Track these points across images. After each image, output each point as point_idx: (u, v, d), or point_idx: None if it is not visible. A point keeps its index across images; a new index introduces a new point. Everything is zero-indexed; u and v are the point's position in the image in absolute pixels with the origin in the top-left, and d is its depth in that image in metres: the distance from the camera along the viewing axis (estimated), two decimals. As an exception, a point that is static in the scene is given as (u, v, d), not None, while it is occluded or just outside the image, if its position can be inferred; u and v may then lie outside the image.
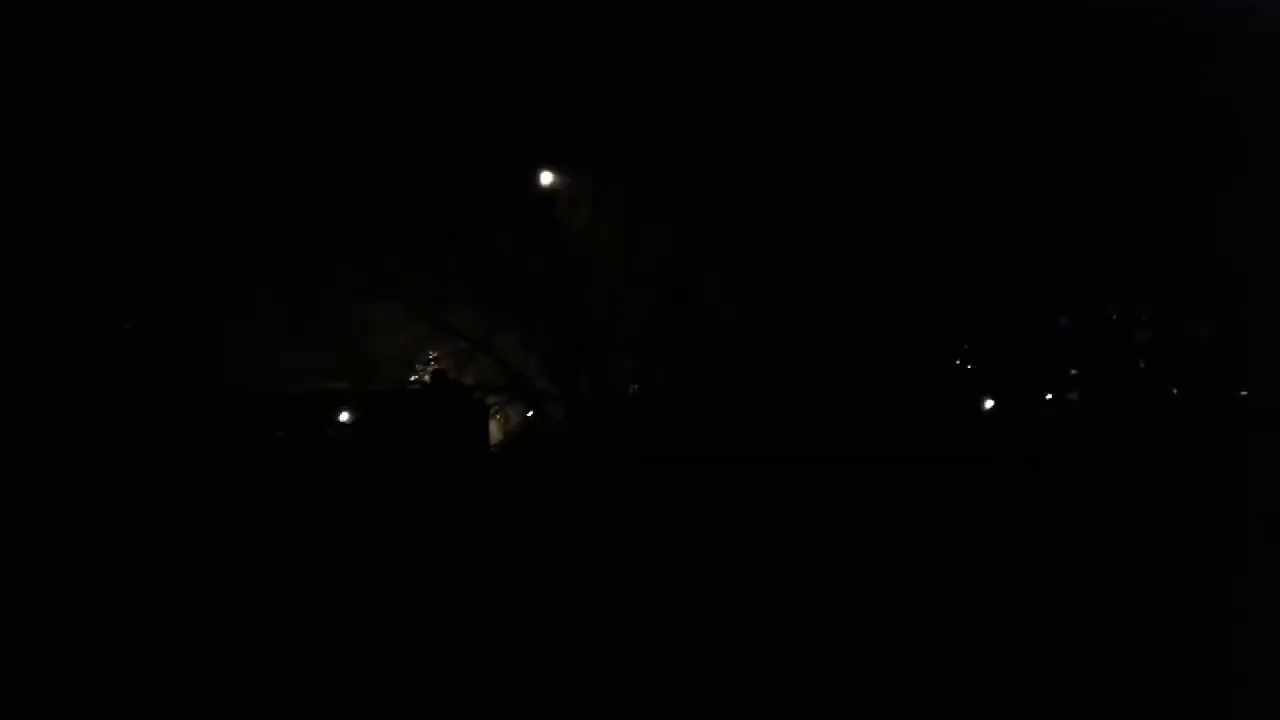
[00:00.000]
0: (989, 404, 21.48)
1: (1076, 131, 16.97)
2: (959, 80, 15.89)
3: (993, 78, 16.19)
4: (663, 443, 15.02)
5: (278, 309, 14.40)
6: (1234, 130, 15.94)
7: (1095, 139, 17.10)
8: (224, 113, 13.17)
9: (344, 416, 22.54)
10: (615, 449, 14.73)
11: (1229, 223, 17.00)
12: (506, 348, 14.96)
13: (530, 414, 16.86)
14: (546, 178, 14.84)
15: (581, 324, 14.49)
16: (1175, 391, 18.43)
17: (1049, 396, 20.69)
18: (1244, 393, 17.80)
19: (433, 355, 16.38)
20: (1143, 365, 18.96)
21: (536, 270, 14.53)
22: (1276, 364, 17.03)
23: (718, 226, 14.92)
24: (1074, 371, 19.78)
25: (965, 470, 17.44)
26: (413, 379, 17.71)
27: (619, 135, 14.03)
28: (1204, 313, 18.08)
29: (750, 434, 15.41)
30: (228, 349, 14.94)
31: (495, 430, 21.28)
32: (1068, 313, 19.74)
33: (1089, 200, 17.78)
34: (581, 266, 14.51)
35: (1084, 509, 15.57)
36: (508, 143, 14.14)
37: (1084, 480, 16.59)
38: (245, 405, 19.07)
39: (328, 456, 20.98)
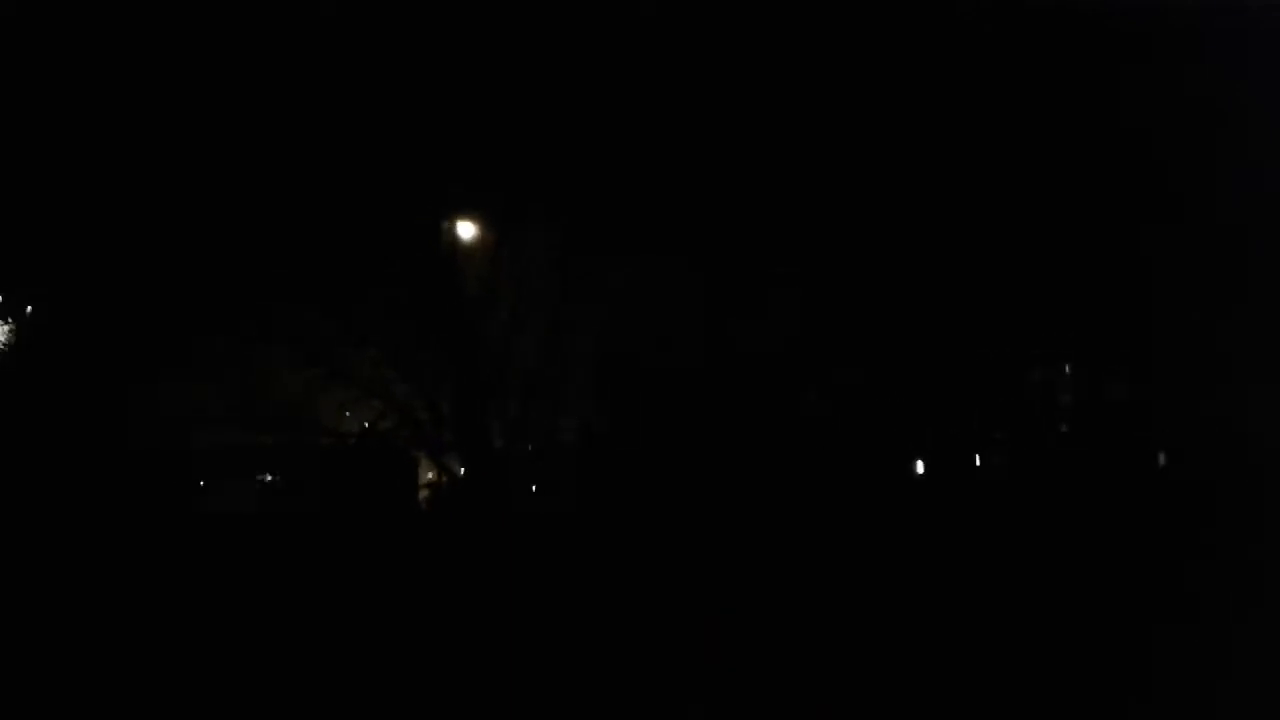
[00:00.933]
0: (920, 467, 21.39)
1: (999, 192, 16.94)
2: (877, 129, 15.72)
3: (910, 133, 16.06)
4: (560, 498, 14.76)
5: (169, 353, 14.12)
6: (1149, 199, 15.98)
7: (1017, 201, 17.06)
8: (110, 146, 13.08)
9: (269, 473, 22.34)
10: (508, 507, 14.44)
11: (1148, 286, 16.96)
12: (406, 396, 14.72)
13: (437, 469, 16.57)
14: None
15: (478, 370, 14.31)
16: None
17: (977, 460, 20.57)
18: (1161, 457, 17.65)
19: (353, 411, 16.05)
20: (1064, 429, 18.81)
21: (435, 316, 14.37)
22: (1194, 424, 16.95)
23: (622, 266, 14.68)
24: (998, 435, 19.65)
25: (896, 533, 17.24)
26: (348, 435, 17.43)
27: (517, 179, 13.97)
28: (1121, 375, 17.94)
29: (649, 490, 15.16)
30: (118, 393, 14.60)
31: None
32: (995, 375, 19.64)
33: (1013, 261, 17.77)
34: (480, 311, 14.38)
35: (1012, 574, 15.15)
36: (407, 189, 14.07)
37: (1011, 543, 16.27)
38: (174, 458, 18.75)
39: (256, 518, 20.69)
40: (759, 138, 14.18)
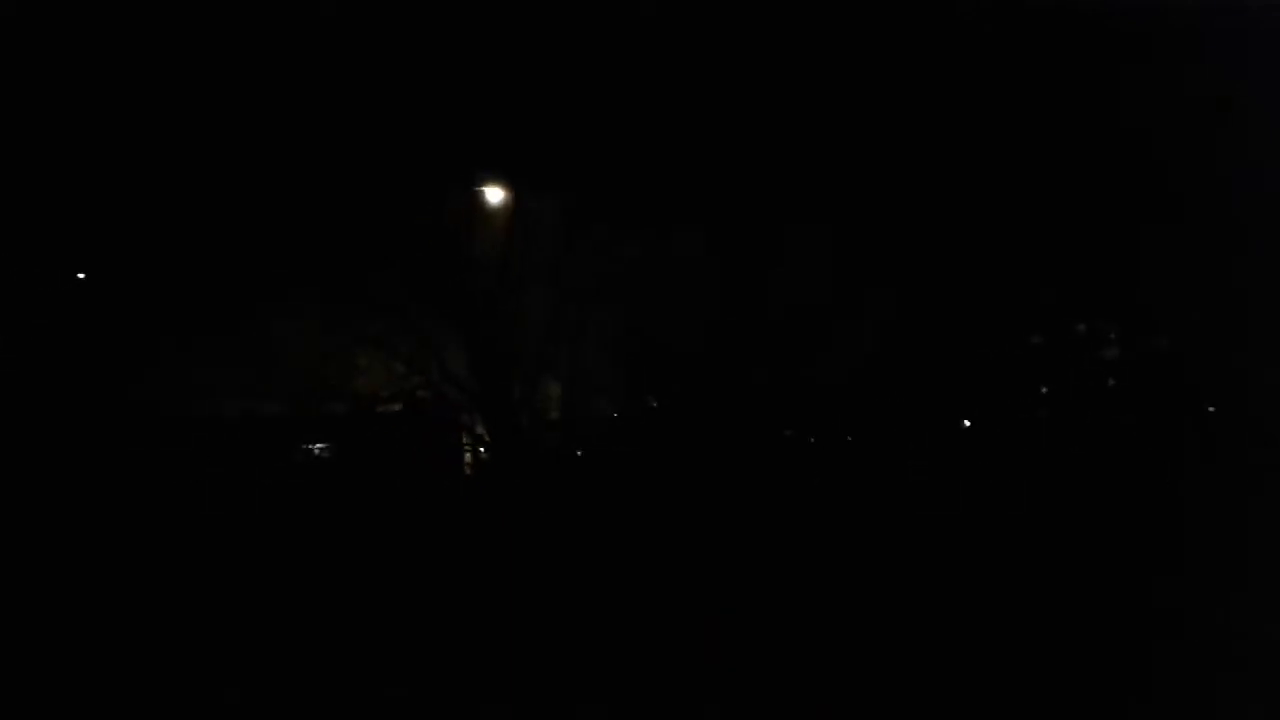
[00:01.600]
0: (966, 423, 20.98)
1: (1042, 151, 16.50)
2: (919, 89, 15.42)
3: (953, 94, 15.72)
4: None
5: (192, 321, 14.31)
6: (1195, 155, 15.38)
7: (1060, 159, 16.61)
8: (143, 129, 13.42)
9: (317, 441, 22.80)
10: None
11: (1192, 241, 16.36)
12: (420, 360, 14.87)
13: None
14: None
15: (481, 333, 14.41)
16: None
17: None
18: (1210, 408, 17.02)
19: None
20: (1111, 382, 18.25)
21: (448, 281, 14.48)
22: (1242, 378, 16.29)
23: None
24: (1044, 389, 19.17)
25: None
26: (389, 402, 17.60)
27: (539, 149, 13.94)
28: (1165, 328, 17.33)
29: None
30: (142, 363, 14.85)
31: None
32: (1038, 329, 19.15)
33: (1059, 217, 17.29)
34: (492, 277, 14.46)
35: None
36: (419, 159, 14.12)
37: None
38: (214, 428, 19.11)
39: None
40: (769, 125, 14.11)
